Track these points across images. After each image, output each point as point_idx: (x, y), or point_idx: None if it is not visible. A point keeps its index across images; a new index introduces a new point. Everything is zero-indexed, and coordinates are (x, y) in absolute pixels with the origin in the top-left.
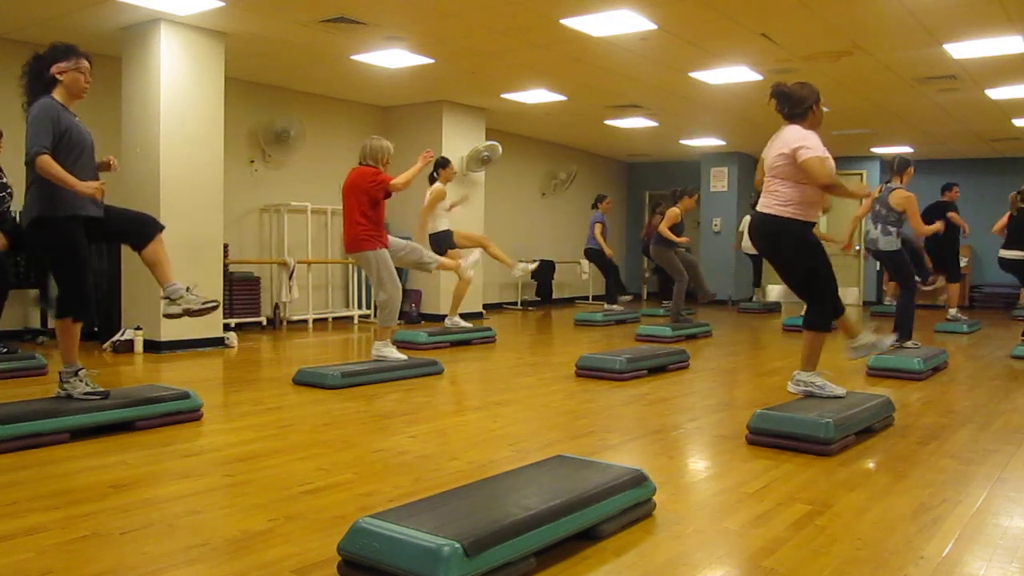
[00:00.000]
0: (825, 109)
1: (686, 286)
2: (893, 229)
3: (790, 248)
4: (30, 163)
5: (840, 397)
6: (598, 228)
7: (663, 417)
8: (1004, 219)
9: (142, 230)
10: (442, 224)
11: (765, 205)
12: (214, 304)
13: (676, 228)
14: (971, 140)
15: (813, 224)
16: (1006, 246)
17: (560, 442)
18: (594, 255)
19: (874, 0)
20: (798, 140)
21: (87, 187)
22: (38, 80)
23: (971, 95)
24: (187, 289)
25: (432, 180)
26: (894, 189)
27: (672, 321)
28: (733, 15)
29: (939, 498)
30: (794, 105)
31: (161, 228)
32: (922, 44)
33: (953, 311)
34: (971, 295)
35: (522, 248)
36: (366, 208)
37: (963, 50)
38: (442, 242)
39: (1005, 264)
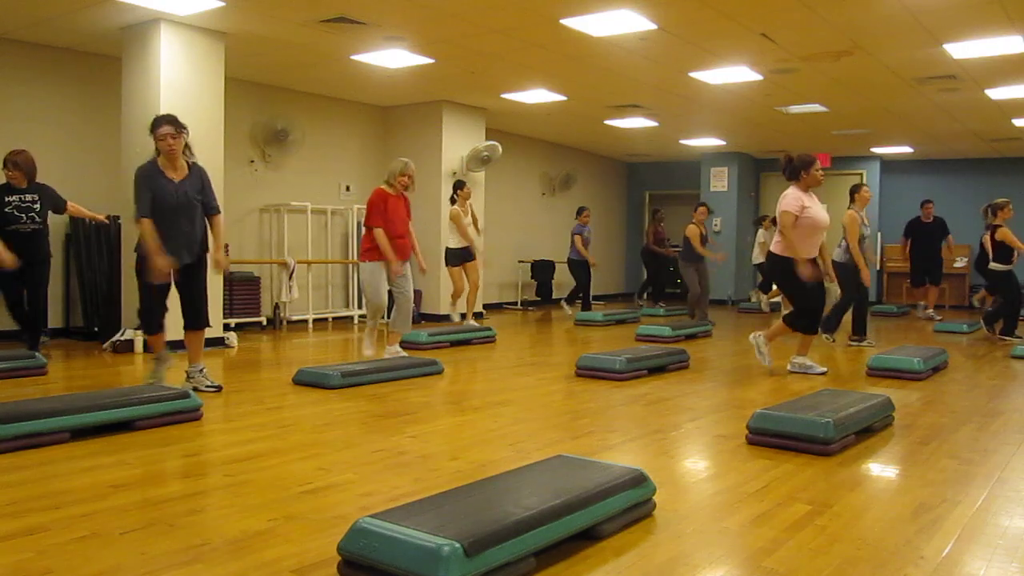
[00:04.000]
0: (820, 173)
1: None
2: (844, 243)
3: (776, 274)
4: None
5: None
6: (578, 239)
7: (663, 417)
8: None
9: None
10: (452, 241)
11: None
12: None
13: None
14: (971, 140)
15: (798, 260)
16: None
17: (560, 442)
18: (575, 265)
19: (874, 0)
20: (782, 200)
21: (157, 264)
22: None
23: (971, 95)
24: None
25: (452, 202)
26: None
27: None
28: (733, 15)
29: (939, 498)
30: (790, 172)
31: (204, 326)
32: (922, 44)
33: (930, 311)
34: (970, 295)
35: (522, 247)
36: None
37: (963, 50)
38: (449, 257)
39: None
